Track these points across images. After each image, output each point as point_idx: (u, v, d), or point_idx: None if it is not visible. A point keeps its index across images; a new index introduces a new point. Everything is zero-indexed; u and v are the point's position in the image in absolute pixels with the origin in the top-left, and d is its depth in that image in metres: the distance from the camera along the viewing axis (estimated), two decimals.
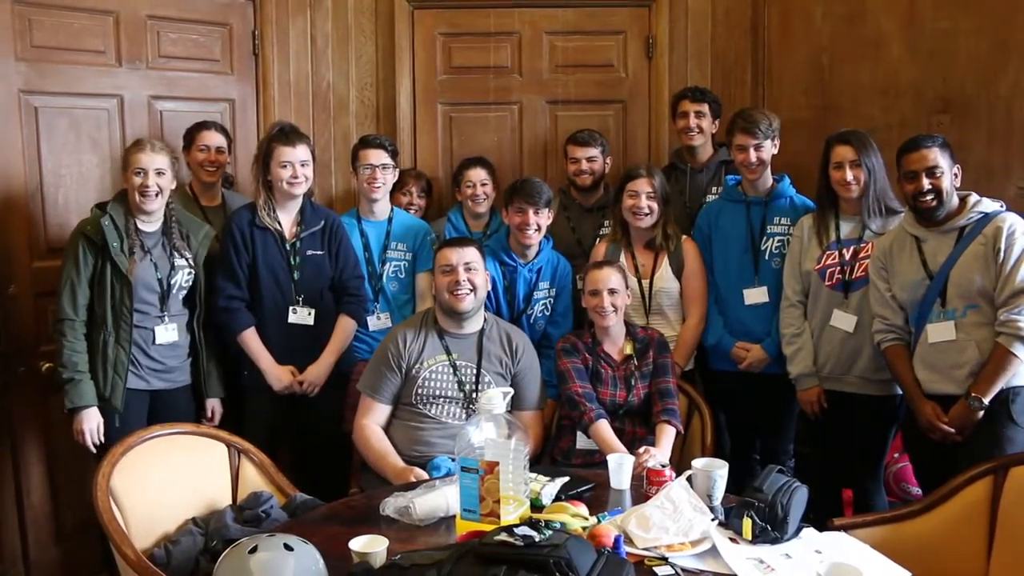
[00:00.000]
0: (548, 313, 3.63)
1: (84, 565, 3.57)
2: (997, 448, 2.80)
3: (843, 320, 3.25)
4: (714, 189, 3.85)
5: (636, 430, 3.15)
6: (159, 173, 3.12)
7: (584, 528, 2.18)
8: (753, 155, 3.44)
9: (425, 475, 2.82)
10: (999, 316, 2.84)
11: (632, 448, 2.91)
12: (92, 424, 3.07)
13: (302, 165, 3.34)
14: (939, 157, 2.91)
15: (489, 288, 3.26)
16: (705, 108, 3.83)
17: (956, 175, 2.96)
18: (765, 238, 3.51)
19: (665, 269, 3.53)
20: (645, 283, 3.53)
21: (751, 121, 3.45)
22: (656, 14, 4.33)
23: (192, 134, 3.61)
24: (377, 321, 3.67)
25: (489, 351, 3.16)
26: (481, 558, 1.74)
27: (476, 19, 4.34)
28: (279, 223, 3.37)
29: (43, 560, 3.56)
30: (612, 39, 4.37)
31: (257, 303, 3.36)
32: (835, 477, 3.42)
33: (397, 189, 3.92)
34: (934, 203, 2.92)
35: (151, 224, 3.19)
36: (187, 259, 3.24)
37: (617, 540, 2.06)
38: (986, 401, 2.85)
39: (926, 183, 2.91)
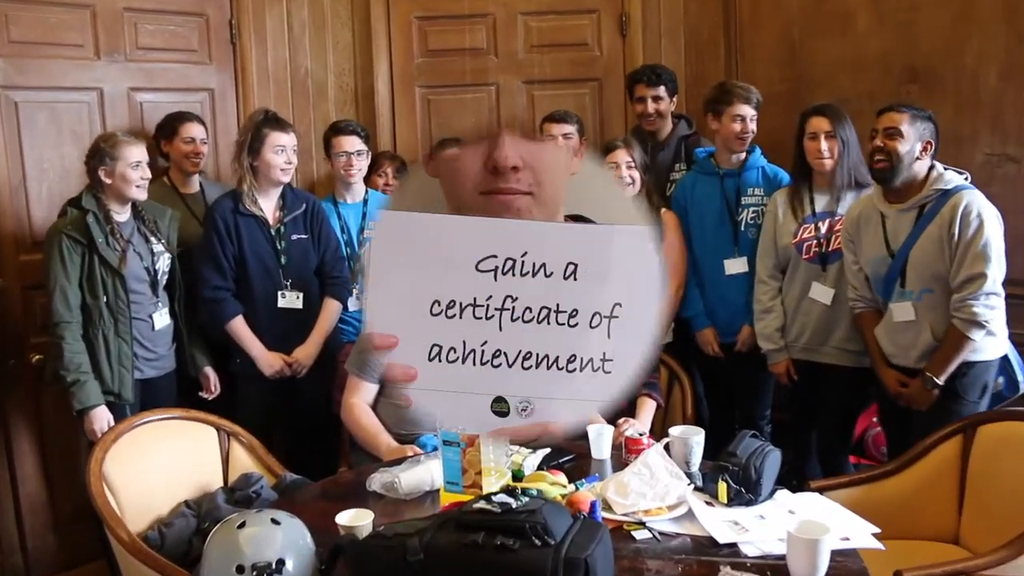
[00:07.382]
0: None
1: (81, 552, 3.62)
2: (944, 421, 2.79)
3: (821, 293, 3.28)
4: (677, 166, 3.88)
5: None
6: (148, 164, 3.17)
7: (563, 495, 2.23)
8: (751, 126, 3.48)
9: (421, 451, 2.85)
10: (953, 301, 2.86)
11: (613, 420, 2.96)
12: (103, 423, 3.05)
13: (293, 151, 3.38)
14: (905, 123, 2.89)
15: None
16: (662, 91, 3.82)
17: (925, 149, 2.92)
18: (740, 209, 3.54)
19: None
20: None
21: (748, 91, 3.49)
22: None
23: (175, 126, 3.62)
24: (358, 302, 3.70)
25: None
26: (461, 525, 1.79)
27: (451, 2, 4.36)
28: (262, 209, 3.39)
29: (40, 548, 3.61)
30: (586, 18, 4.39)
31: (247, 291, 3.38)
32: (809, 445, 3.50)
33: (372, 171, 3.97)
34: (884, 164, 2.92)
35: (123, 214, 3.19)
36: (162, 243, 3.26)
37: (593, 505, 2.12)
38: (940, 381, 2.89)
39: (879, 142, 2.92)
